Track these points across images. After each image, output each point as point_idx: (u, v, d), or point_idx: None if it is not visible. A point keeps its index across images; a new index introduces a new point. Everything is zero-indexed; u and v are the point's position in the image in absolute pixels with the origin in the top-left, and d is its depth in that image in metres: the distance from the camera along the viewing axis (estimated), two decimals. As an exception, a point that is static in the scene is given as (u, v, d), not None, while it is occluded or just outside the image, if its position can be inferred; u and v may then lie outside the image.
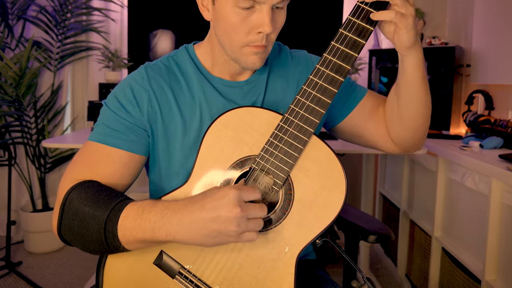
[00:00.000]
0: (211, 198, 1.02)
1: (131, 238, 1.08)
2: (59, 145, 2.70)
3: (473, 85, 3.13)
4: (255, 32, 1.15)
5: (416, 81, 1.22)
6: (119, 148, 1.22)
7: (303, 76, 1.37)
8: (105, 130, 1.24)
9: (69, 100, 3.91)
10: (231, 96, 1.31)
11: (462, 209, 2.39)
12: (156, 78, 1.28)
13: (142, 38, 3.54)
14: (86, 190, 1.14)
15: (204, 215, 1.01)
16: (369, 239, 1.54)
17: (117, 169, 1.22)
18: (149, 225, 1.05)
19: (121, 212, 1.08)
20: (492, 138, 2.49)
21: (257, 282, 1.12)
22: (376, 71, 3.53)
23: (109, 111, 1.26)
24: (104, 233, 1.09)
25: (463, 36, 3.32)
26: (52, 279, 3.22)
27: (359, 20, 1.09)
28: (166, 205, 1.06)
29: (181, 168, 1.28)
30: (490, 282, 2.04)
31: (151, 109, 1.25)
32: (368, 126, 1.41)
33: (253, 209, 1.03)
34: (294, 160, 1.10)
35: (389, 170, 3.54)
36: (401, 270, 3.20)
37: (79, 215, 1.12)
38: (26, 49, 3.45)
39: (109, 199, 1.12)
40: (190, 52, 1.34)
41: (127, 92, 1.26)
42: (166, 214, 1.04)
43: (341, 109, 1.42)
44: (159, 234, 1.05)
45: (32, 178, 3.86)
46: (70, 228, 1.14)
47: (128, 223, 1.07)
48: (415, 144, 1.39)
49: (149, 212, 1.06)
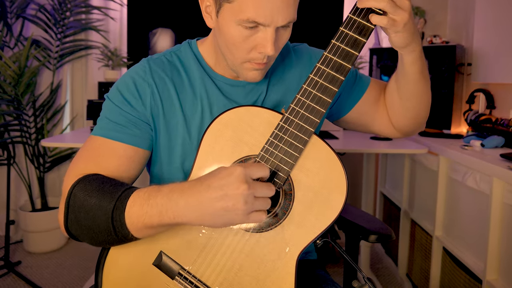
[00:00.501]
0: (217, 177, 1.01)
1: (139, 225, 1.07)
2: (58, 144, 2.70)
3: (474, 84, 3.13)
4: (257, 51, 1.14)
5: (415, 75, 1.23)
6: (123, 142, 1.22)
7: (305, 71, 1.37)
8: (108, 124, 1.23)
9: (68, 99, 3.90)
10: (232, 95, 1.30)
11: (463, 208, 2.39)
12: (159, 72, 1.27)
13: (141, 36, 3.54)
14: (91, 183, 1.13)
15: (210, 194, 1.00)
16: (370, 239, 1.54)
17: (122, 162, 1.21)
18: (156, 209, 1.04)
19: (127, 200, 1.07)
20: (493, 137, 2.49)
21: (257, 282, 1.12)
22: (377, 70, 3.53)
23: (112, 105, 1.25)
24: (112, 222, 1.08)
25: (464, 35, 3.32)
26: (51, 279, 3.22)
27: (360, 18, 1.09)
28: (172, 188, 1.05)
29: (182, 164, 1.28)
30: (492, 282, 2.04)
31: (153, 103, 1.25)
32: (373, 114, 1.43)
33: (261, 187, 1.02)
34: (294, 160, 1.10)
35: (390, 170, 3.54)
36: (402, 270, 3.20)
37: (85, 207, 1.11)
38: (25, 47, 3.45)
39: (114, 188, 1.11)
40: (193, 48, 1.33)
41: (130, 85, 1.25)
42: (173, 196, 1.03)
43: (347, 101, 1.43)
44: (167, 217, 1.04)
45: (31, 178, 3.86)
46: (77, 221, 1.13)
47: (135, 210, 1.06)
48: (416, 128, 1.43)
49: (155, 197, 1.05)
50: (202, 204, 1.00)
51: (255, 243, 1.12)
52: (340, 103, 1.43)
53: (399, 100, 1.33)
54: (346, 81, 1.41)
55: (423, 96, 1.30)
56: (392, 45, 1.15)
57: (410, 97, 1.30)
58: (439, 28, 3.59)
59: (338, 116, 1.47)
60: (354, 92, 1.42)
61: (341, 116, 1.46)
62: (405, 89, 1.29)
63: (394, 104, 1.36)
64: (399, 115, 1.38)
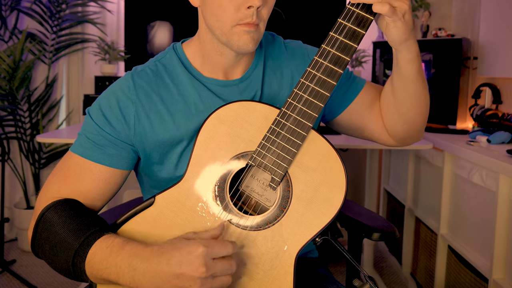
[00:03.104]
0: (178, 252, 1.01)
1: (97, 276, 1.09)
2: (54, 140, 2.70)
3: (480, 78, 3.12)
4: (244, 7, 1.12)
5: (411, 75, 1.21)
6: (100, 163, 1.22)
7: (298, 68, 1.35)
8: (87, 142, 1.23)
9: (64, 93, 3.90)
10: (227, 96, 1.28)
11: (469, 206, 2.38)
12: (143, 87, 1.25)
13: (139, 29, 3.53)
14: (60, 213, 1.15)
15: (168, 269, 1.01)
16: (373, 237, 1.54)
17: (97, 185, 1.23)
18: (114, 268, 1.06)
19: (89, 248, 1.09)
20: (499, 133, 2.48)
21: (254, 282, 1.12)
22: (380, 64, 3.52)
23: (92, 123, 1.24)
24: (72, 267, 1.11)
25: (470, 28, 3.31)
26: (46, 278, 3.22)
27: (359, 9, 1.08)
28: (134, 251, 1.06)
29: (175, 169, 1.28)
30: (498, 281, 2.04)
31: (138, 122, 1.23)
32: (366, 118, 1.40)
33: (221, 266, 1.02)
34: (292, 156, 1.09)
35: (394, 166, 3.54)
36: (406, 269, 3.20)
37: (50, 241, 1.14)
38: (19, 41, 3.45)
39: (80, 228, 1.13)
40: (178, 53, 1.31)
41: (112, 104, 1.24)
42: (133, 261, 1.04)
43: (340, 102, 1.41)
44: (123, 280, 1.05)
45: (26, 174, 3.85)
46: (42, 249, 1.17)
47: (95, 262, 1.08)
48: (412, 136, 1.39)
49: (116, 256, 1.06)
50: (159, 277, 1.02)
51: (252, 241, 1.12)
52: (333, 103, 1.41)
53: (394, 104, 1.30)
54: (340, 81, 1.40)
55: (420, 99, 1.28)
56: (390, 40, 1.14)
57: (406, 100, 1.27)
58: (444, 21, 3.58)
59: (330, 117, 1.45)
60: (347, 92, 1.40)
61: (333, 118, 1.44)
62: (401, 90, 1.26)
63: (389, 109, 1.33)
64: (393, 120, 1.34)
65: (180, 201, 1.15)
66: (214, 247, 1.01)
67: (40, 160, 3.78)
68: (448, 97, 3.14)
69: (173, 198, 1.16)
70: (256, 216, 1.13)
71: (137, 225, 1.16)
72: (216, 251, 1.01)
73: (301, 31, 3.34)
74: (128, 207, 1.45)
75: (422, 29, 3.43)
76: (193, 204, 1.15)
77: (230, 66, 1.28)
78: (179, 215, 1.15)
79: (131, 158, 1.26)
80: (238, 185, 1.17)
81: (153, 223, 1.16)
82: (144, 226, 1.16)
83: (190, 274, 0.99)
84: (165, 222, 1.15)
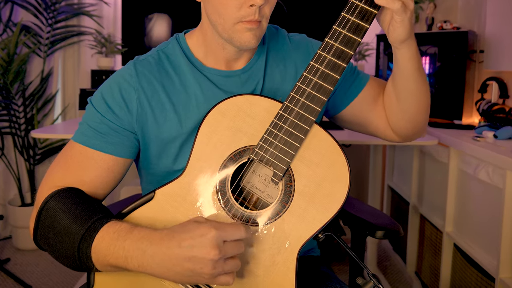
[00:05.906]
0: (189, 235, 1.02)
1: (104, 262, 1.10)
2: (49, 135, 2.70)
3: (487, 72, 3.12)
4: (247, 5, 1.14)
5: (411, 73, 1.23)
6: (103, 152, 1.23)
7: (302, 62, 1.37)
8: (89, 131, 1.24)
9: (60, 88, 3.90)
10: (228, 86, 1.30)
11: (475, 203, 2.39)
12: (146, 75, 1.27)
13: (136, 22, 3.53)
14: (64, 201, 1.16)
15: (179, 252, 1.02)
16: (377, 235, 1.54)
17: (100, 173, 1.24)
18: (122, 252, 1.07)
19: (96, 233, 1.10)
20: (506, 128, 2.48)
21: (256, 278, 1.13)
22: (384, 57, 3.52)
23: (94, 111, 1.26)
24: (77, 253, 1.11)
25: (477, 20, 3.31)
26: (41, 277, 3.23)
27: (362, 3, 1.09)
28: (143, 234, 1.07)
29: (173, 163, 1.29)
30: (505, 280, 2.05)
31: (141, 110, 1.25)
32: (370, 114, 1.42)
33: (232, 248, 1.03)
34: (294, 150, 1.11)
35: (398, 162, 3.54)
36: (411, 268, 3.21)
37: (54, 228, 1.14)
38: (14, 34, 3.45)
39: (86, 214, 1.13)
40: (181, 43, 1.33)
41: (114, 91, 1.26)
42: (142, 244, 1.05)
43: (343, 97, 1.42)
44: (131, 264, 1.06)
45: (21, 170, 3.86)
46: (45, 238, 1.17)
47: (102, 247, 1.09)
48: (415, 132, 1.41)
49: (124, 239, 1.07)
50: (170, 260, 1.03)
51: (253, 237, 1.13)
52: (336, 98, 1.43)
53: (397, 101, 1.33)
54: (344, 76, 1.41)
55: (421, 96, 1.30)
56: (393, 38, 1.15)
57: (408, 97, 1.29)
58: (449, 13, 3.57)
59: (334, 112, 1.47)
60: (351, 87, 1.42)
61: (337, 113, 1.46)
62: (402, 88, 1.28)
63: (392, 106, 1.35)
64: (396, 117, 1.37)
65: (180, 195, 1.17)
66: (226, 230, 1.02)
67: (35, 156, 3.80)
68: (454, 91, 3.14)
69: (174, 193, 1.17)
70: (258, 212, 1.14)
71: (136, 220, 1.17)
72: (228, 234, 1.03)
73: (303, 23, 3.35)
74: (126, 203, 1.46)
75: (427, 22, 3.43)
76: (194, 199, 1.16)
77: (233, 59, 1.30)
78: (180, 210, 1.16)
79: (133, 147, 1.28)
80: (239, 180, 1.18)
81: (153, 217, 1.17)
82: (143, 221, 1.16)
83: (202, 257, 1.00)
84: (166, 216, 1.16)
